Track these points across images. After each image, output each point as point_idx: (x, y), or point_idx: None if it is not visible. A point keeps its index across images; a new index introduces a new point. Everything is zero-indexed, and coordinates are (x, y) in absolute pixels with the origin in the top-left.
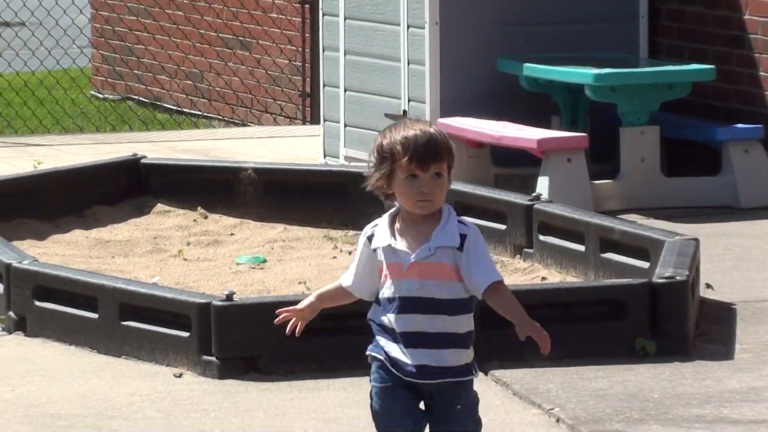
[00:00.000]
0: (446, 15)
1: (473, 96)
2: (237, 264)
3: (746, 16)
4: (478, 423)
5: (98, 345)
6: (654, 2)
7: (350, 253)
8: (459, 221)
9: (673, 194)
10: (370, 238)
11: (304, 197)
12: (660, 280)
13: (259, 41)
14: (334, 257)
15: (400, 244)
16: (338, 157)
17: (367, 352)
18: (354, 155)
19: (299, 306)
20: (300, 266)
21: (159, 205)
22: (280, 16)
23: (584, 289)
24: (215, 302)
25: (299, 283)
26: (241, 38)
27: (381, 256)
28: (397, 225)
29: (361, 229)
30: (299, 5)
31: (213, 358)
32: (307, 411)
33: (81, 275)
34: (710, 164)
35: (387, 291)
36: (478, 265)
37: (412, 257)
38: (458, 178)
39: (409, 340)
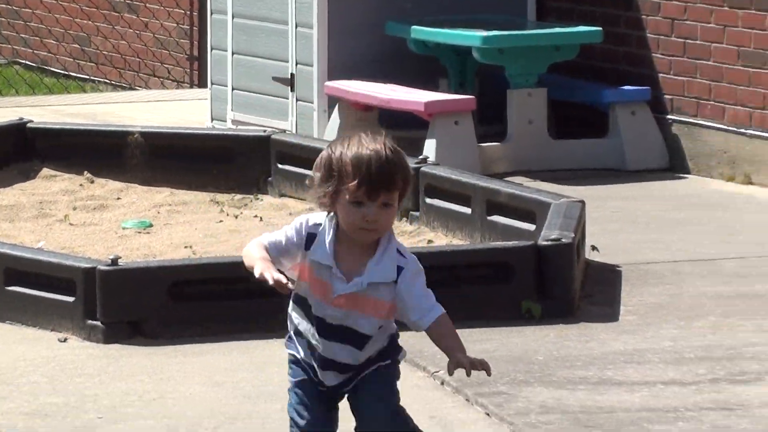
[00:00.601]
0: None
1: (362, 59)
2: (123, 228)
3: None
4: (396, 393)
5: None
6: None
7: (236, 216)
8: (398, 251)
9: (560, 157)
10: (309, 238)
11: (191, 161)
12: (546, 243)
13: (147, 4)
14: (221, 221)
15: (337, 267)
16: (226, 121)
17: (286, 348)
18: (241, 119)
19: (268, 270)
20: (186, 230)
21: (45, 169)
22: None
23: (471, 251)
24: (100, 267)
25: (185, 247)
26: (128, 2)
27: (310, 265)
28: (339, 241)
29: (247, 192)
30: None
31: (98, 323)
32: (192, 375)
33: None
34: (598, 126)
35: (310, 300)
36: (418, 302)
37: (342, 289)
38: None
39: (323, 362)
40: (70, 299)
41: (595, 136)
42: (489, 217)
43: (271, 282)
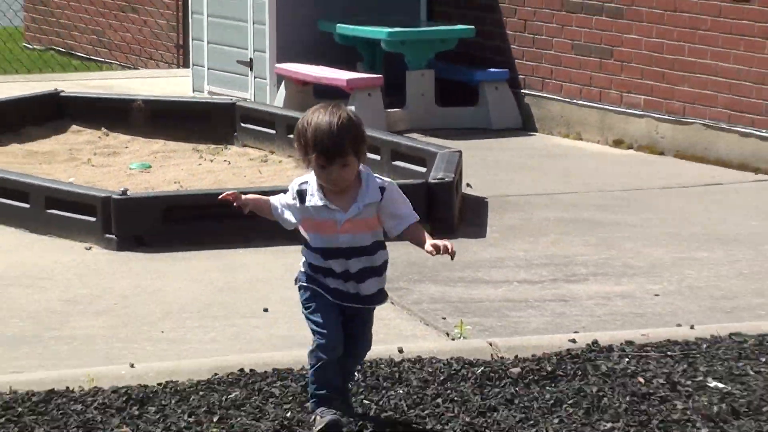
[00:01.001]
0: None
1: (301, 47)
2: (130, 169)
3: None
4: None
5: (29, 227)
6: None
7: (211, 161)
8: (377, 178)
9: (443, 119)
10: (301, 194)
11: (179, 121)
12: (433, 181)
13: (146, 7)
14: (200, 164)
15: (333, 204)
16: (203, 92)
17: (298, 283)
18: (215, 91)
19: (244, 196)
20: (176, 170)
21: (73, 126)
22: None
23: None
24: (114, 196)
25: (174, 182)
26: (132, 4)
27: (312, 211)
28: (325, 190)
29: (219, 143)
30: None
31: (113, 236)
32: (180, 274)
33: (17, 176)
34: (470, 98)
35: (319, 241)
36: (396, 211)
37: (345, 216)
38: (290, 107)
39: (341, 276)
40: (93, 219)
41: (469, 104)
42: (393, 162)
43: (232, 199)
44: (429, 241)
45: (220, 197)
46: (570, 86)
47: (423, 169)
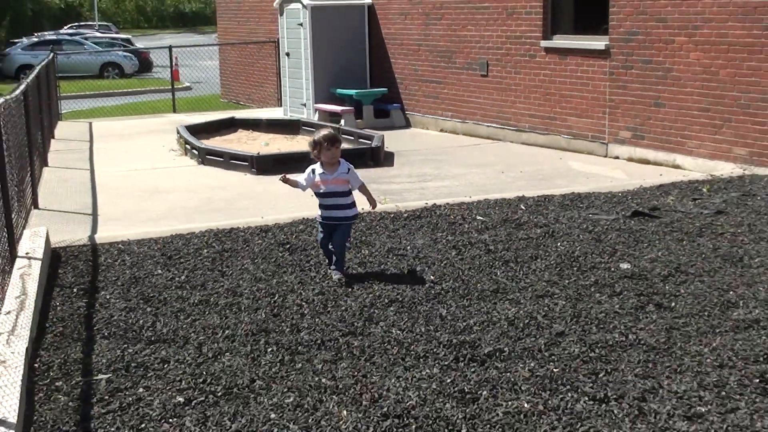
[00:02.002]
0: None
1: (323, 97)
2: (262, 146)
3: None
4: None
5: (225, 167)
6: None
7: (291, 141)
8: (347, 164)
9: (377, 124)
10: (313, 171)
11: (279, 127)
12: (374, 145)
13: (269, 78)
14: (288, 142)
15: (327, 172)
16: (287, 115)
17: (318, 219)
18: (293, 115)
19: (287, 178)
20: (278, 145)
21: (240, 130)
22: None
23: (357, 148)
24: (255, 154)
25: (277, 149)
26: (262, 79)
27: (318, 177)
28: (324, 166)
29: (294, 135)
30: None
31: (254, 170)
32: (278, 184)
33: (222, 149)
34: (386, 115)
35: (321, 188)
36: (354, 179)
37: (332, 176)
38: (320, 120)
39: (330, 207)
40: (247, 164)
41: (386, 118)
42: (359, 140)
43: (282, 178)
44: (370, 202)
45: (279, 178)
46: (423, 110)
47: (370, 142)
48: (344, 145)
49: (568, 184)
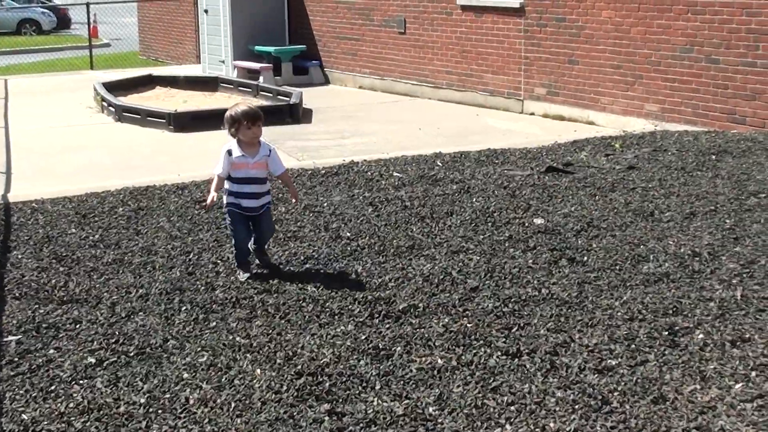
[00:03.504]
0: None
1: (242, 54)
2: (182, 102)
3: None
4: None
5: (142, 124)
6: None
7: (209, 98)
8: (268, 145)
9: (295, 81)
10: (229, 152)
11: (198, 84)
12: (293, 102)
13: (189, 36)
14: (206, 99)
15: (247, 153)
16: (206, 73)
17: (225, 207)
18: (211, 72)
19: (212, 198)
20: (197, 102)
21: (157, 87)
22: None
23: (275, 105)
24: (173, 111)
25: (196, 107)
26: (182, 36)
27: (235, 159)
28: (242, 147)
29: (213, 92)
30: None
31: (172, 127)
32: (194, 138)
33: (139, 105)
34: (306, 71)
35: (239, 174)
36: (276, 163)
37: (253, 160)
38: (239, 77)
39: (249, 197)
40: (164, 120)
41: (305, 75)
42: (278, 96)
43: (208, 203)
44: (292, 195)
45: (202, 206)
46: (342, 67)
47: (288, 98)
48: (262, 102)
49: (484, 141)
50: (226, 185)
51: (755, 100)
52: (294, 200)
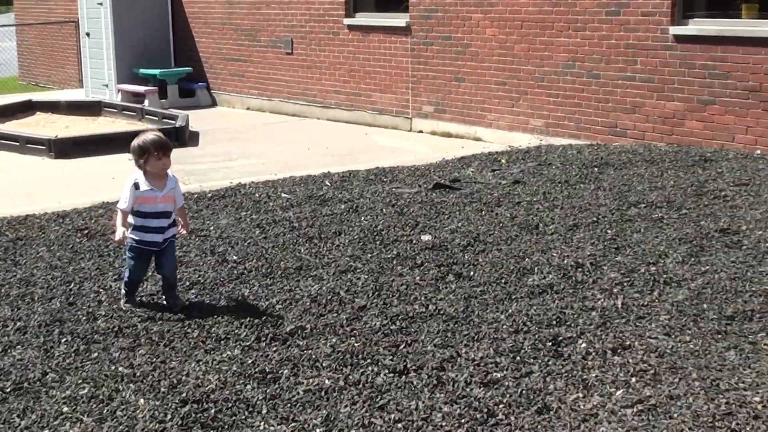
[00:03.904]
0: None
1: (126, 78)
2: (64, 128)
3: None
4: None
5: (22, 152)
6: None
7: (93, 123)
8: (173, 176)
9: (182, 104)
10: (136, 185)
11: (80, 109)
12: (178, 125)
13: (70, 56)
14: (90, 124)
15: (155, 187)
16: (89, 97)
17: (126, 241)
18: (94, 96)
19: (121, 233)
20: (81, 127)
21: (38, 113)
22: None
23: (164, 128)
24: (53, 137)
25: (78, 132)
26: (66, 55)
27: (143, 193)
28: (149, 179)
29: (96, 116)
30: None
31: (52, 154)
32: (78, 165)
33: (18, 132)
34: (192, 94)
35: (145, 208)
36: (180, 195)
37: (161, 193)
38: (123, 101)
39: (155, 231)
40: (44, 147)
41: (191, 97)
42: (163, 119)
43: (117, 239)
44: (184, 226)
45: (115, 239)
46: (229, 88)
47: (174, 121)
48: (148, 126)
49: (372, 159)
50: (130, 219)
51: (635, 113)
52: (184, 231)
